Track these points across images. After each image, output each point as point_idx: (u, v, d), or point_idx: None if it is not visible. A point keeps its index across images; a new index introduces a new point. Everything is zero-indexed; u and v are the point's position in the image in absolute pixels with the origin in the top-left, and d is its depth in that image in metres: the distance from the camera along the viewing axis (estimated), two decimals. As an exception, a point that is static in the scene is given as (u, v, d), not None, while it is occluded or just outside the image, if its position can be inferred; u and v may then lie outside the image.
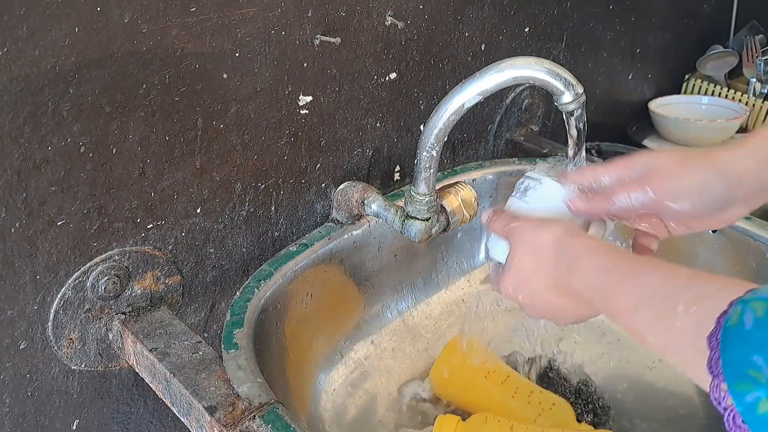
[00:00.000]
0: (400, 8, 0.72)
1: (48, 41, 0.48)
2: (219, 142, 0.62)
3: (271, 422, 0.50)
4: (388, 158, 0.80)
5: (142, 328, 0.60)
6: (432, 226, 0.64)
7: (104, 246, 0.58)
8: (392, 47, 0.74)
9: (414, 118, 0.81)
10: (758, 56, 1.30)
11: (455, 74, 0.83)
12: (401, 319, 0.80)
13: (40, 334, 0.57)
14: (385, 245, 0.77)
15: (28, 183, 0.51)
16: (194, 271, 0.66)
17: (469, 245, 0.86)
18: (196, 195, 0.63)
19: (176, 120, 0.58)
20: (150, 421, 0.70)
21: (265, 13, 0.61)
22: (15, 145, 0.50)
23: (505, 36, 0.87)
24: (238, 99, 0.62)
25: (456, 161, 0.90)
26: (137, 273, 0.61)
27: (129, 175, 0.57)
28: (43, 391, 0.59)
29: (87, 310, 0.59)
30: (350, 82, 0.71)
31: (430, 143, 0.58)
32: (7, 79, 0.47)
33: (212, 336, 0.71)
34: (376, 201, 0.69)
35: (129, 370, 0.65)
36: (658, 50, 1.24)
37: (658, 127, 1.20)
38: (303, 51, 0.65)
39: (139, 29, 0.53)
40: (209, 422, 0.51)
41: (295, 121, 0.68)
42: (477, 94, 0.55)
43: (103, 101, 0.53)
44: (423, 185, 0.62)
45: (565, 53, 1.01)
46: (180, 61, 0.56)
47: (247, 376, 0.54)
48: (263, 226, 0.70)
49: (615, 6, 1.07)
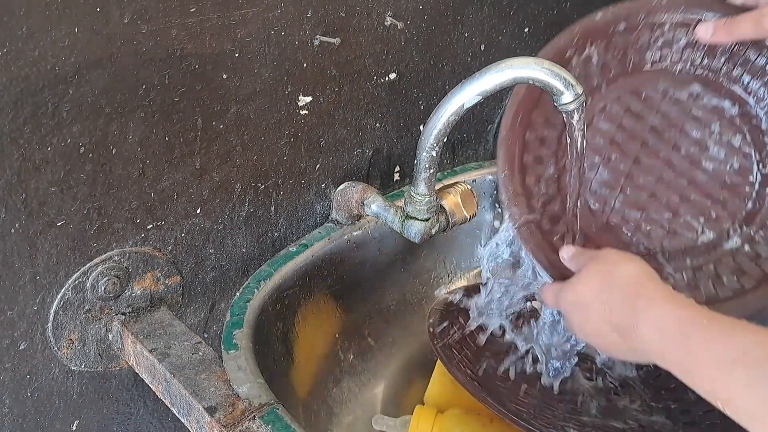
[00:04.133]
0: (399, 8, 0.72)
1: (48, 42, 0.48)
2: (219, 142, 0.62)
3: (271, 422, 0.50)
4: (387, 158, 0.80)
5: (142, 328, 0.60)
6: (432, 226, 0.64)
7: (104, 246, 0.58)
8: (392, 47, 0.74)
9: (414, 119, 0.81)
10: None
11: (455, 74, 0.83)
12: (401, 319, 0.80)
13: (40, 334, 0.57)
14: (385, 246, 0.77)
15: (27, 183, 0.51)
16: (194, 271, 0.66)
17: (469, 245, 0.86)
18: (196, 195, 0.63)
19: (176, 120, 0.58)
20: (150, 421, 0.70)
21: (265, 13, 0.61)
22: (15, 145, 0.50)
23: (505, 36, 0.87)
24: (238, 99, 0.62)
25: (456, 161, 0.90)
26: (137, 273, 0.61)
27: (129, 176, 0.57)
28: (42, 391, 0.59)
29: (87, 310, 0.59)
30: (350, 82, 0.71)
31: (430, 144, 0.58)
32: (7, 79, 0.47)
33: (212, 336, 0.71)
34: (376, 201, 0.69)
35: (129, 370, 0.65)
36: (657, 50, 1.24)
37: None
38: (303, 51, 0.65)
39: (139, 30, 0.53)
40: (209, 423, 0.51)
41: (294, 121, 0.68)
42: (477, 94, 0.55)
43: (102, 102, 0.53)
44: (423, 185, 0.62)
45: (564, 53, 1.01)
46: (180, 62, 0.56)
47: (247, 376, 0.54)
48: (263, 226, 0.70)
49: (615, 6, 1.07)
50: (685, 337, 0.43)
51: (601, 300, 0.50)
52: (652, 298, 0.47)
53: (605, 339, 0.50)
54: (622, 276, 0.50)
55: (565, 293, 0.53)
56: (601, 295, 0.50)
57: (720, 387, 0.40)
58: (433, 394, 0.69)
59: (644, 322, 0.46)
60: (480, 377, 0.68)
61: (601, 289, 0.50)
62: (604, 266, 0.52)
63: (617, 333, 0.49)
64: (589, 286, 0.51)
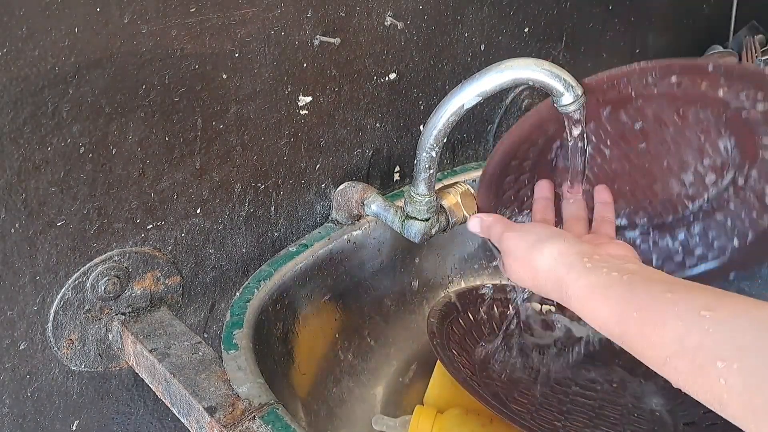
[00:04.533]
0: (399, 8, 0.72)
1: (48, 42, 0.48)
2: (219, 142, 0.62)
3: (271, 422, 0.50)
4: (387, 158, 0.80)
5: (142, 328, 0.60)
6: (432, 226, 0.64)
7: (104, 246, 0.58)
8: (392, 47, 0.74)
9: (414, 119, 0.81)
10: (758, 56, 1.30)
11: (455, 74, 0.83)
12: (401, 319, 0.80)
13: (40, 334, 0.57)
14: (385, 246, 0.77)
15: (27, 183, 0.51)
16: (194, 271, 0.66)
17: (469, 245, 0.86)
18: (196, 195, 0.63)
19: (176, 120, 0.58)
20: (150, 421, 0.70)
21: (265, 13, 0.61)
22: (15, 145, 0.50)
23: (505, 36, 0.87)
24: (238, 99, 0.62)
25: (456, 161, 0.90)
26: (137, 273, 0.61)
27: (129, 176, 0.57)
28: (42, 391, 0.59)
29: (87, 310, 0.59)
30: (350, 82, 0.71)
31: (430, 144, 0.58)
32: (7, 79, 0.47)
33: (212, 336, 0.71)
34: (376, 201, 0.69)
35: (129, 370, 0.65)
36: (658, 50, 1.24)
37: (657, 127, 1.20)
38: (303, 51, 0.65)
39: (139, 30, 0.53)
40: (209, 423, 0.51)
41: (294, 121, 0.68)
42: (476, 95, 0.55)
43: (102, 102, 0.53)
44: (423, 186, 0.62)
45: (564, 53, 1.01)
46: (180, 62, 0.56)
47: (247, 376, 0.54)
48: (263, 226, 0.70)
49: (615, 6, 1.07)
50: (624, 334, 0.43)
51: (531, 285, 0.52)
52: (579, 297, 0.47)
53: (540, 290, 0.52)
54: (539, 268, 0.50)
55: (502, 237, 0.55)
56: (528, 282, 0.52)
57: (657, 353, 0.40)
58: (433, 395, 0.69)
59: (587, 320, 0.46)
60: (480, 377, 0.68)
61: (524, 279, 0.52)
62: (516, 250, 0.53)
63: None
64: (514, 272, 0.53)
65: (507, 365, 0.72)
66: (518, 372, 0.72)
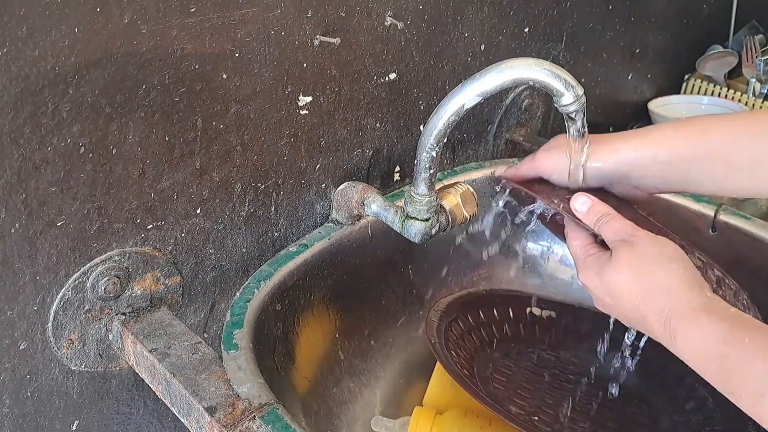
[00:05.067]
0: (399, 8, 0.72)
1: (48, 41, 0.48)
2: (219, 142, 0.62)
3: (271, 423, 0.50)
4: (387, 158, 0.80)
5: (142, 328, 0.60)
6: (432, 226, 0.64)
7: (104, 247, 0.58)
8: (392, 47, 0.74)
9: (414, 119, 0.81)
10: (758, 56, 1.30)
11: (455, 74, 0.83)
12: (401, 319, 0.80)
13: (40, 334, 0.57)
14: (385, 246, 0.77)
15: (27, 183, 0.51)
16: (194, 271, 0.66)
17: (469, 245, 0.86)
18: (196, 195, 0.63)
19: (176, 120, 0.58)
20: (150, 421, 0.70)
21: (265, 13, 0.61)
22: (15, 145, 0.50)
23: (505, 36, 0.87)
24: (238, 99, 0.62)
25: (456, 161, 0.90)
26: (137, 273, 0.61)
27: (129, 176, 0.57)
28: (42, 391, 0.59)
29: (87, 310, 0.59)
30: (350, 82, 0.71)
31: (430, 144, 0.58)
32: (6, 79, 0.47)
33: (212, 336, 0.71)
34: (376, 201, 0.69)
35: (129, 370, 0.65)
36: (657, 50, 1.24)
37: (657, 128, 1.20)
38: (303, 51, 0.65)
39: (139, 30, 0.53)
40: (209, 423, 0.51)
41: (294, 121, 0.68)
42: (477, 95, 0.55)
43: (102, 102, 0.53)
44: (423, 186, 0.62)
45: (564, 53, 1.01)
46: (180, 62, 0.56)
47: (247, 376, 0.54)
48: (263, 226, 0.70)
49: (615, 6, 1.07)
50: (723, 358, 0.41)
51: (633, 303, 0.47)
52: (687, 316, 0.44)
53: (641, 327, 0.48)
54: (658, 282, 0.47)
55: (591, 275, 0.51)
56: (633, 298, 0.47)
57: (763, 411, 0.38)
58: (433, 396, 0.69)
59: (680, 342, 0.44)
60: (479, 378, 0.68)
61: (631, 292, 0.47)
62: (638, 260, 0.48)
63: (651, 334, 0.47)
64: (619, 282, 0.48)
65: (506, 366, 0.72)
66: (517, 373, 0.72)
